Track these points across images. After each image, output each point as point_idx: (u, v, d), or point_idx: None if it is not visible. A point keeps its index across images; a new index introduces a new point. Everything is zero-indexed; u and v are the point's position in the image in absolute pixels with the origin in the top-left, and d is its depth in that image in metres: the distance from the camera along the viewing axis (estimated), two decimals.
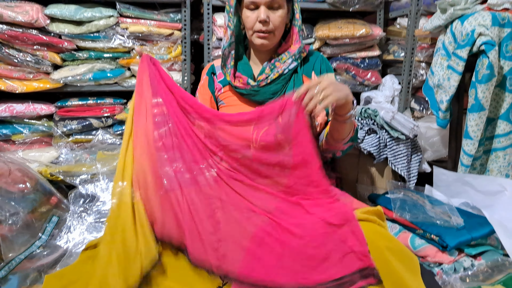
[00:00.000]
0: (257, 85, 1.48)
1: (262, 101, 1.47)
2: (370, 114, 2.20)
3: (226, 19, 1.50)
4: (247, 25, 1.46)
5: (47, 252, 1.67)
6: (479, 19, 1.79)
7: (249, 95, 1.50)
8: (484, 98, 1.78)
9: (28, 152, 2.30)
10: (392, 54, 2.76)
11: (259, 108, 1.31)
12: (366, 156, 2.21)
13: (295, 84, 1.50)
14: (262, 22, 1.42)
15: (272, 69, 1.50)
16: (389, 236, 1.19)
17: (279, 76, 1.48)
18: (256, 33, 1.46)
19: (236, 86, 1.51)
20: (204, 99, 1.64)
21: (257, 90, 1.48)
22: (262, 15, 1.41)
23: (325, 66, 1.60)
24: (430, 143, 2.33)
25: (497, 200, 1.74)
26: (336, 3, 2.55)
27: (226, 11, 1.49)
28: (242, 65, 1.54)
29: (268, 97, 1.48)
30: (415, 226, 1.57)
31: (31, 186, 1.82)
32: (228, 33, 1.48)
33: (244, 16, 1.47)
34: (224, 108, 1.60)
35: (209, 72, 1.66)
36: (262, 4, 1.41)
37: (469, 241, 1.48)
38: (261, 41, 1.46)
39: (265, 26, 1.43)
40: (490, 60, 1.72)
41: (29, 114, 2.29)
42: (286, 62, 1.49)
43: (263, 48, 1.51)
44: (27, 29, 2.17)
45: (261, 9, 1.41)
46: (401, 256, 1.15)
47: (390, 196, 1.74)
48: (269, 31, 1.45)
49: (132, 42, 2.33)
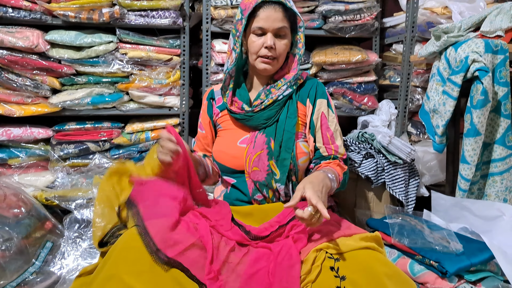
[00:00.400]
0: (252, 110, 1.51)
1: (256, 126, 1.51)
2: (367, 138, 2.21)
3: (231, 42, 1.53)
4: (252, 49, 1.50)
5: (40, 279, 1.65)
6: (473, 46, 1.81)
7: (243, 120, 1.52)
8: (480, 123, 1.79)
9: (24, 176, 2.29)
10: (388, 79, 2.79)
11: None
12: (364, 181, 2.21)
13: (289, 110, 1.52)
14: (269, 48, 1.46)
15: (267, 95, 1.53)
16: (387, 262, 1.18)
17: (273, 102, 1.51)
18: (260, 58, 1.50)
19: (232, 111, 1.54)
20: (204, 123, 1.67)
21: (251, 115, 1.51)
22: (269, 42, 1.46)
23: (320, 92, 1.61)
24: (428, 167, 2.33)
25: (496, 225, 1.73)
26: (333, 29, 2.58)
27: (232, 34, 1.53)
28: (239, 90, 1.57)
29: (261, 123, 1.50)
30: (414, 251, 1.56)
31: (25, 211, 1.80)
32: (233, 56, 1.52)
33: (249, 41, 1.51)
34: (221, 132, 1.62)
35: (209, 97, 1.69)
36: (270, 31, 1.47)
37: (468, 267, 1.47)
38: (265, 66, 1.50)
39: (270, 52, 1.47)
40: (484, 86, 1.74)
41: (26, 138, 2.29)
42: (281, 89, 1.52)
43: (265, 73, 1.54)
44: (27, 54, 2.19)
45: (268, 36, 1.47)
46: (400, 282, 1.13)
47: (388, 221, 1.73)
48: (273, 57, 1.49)
49: (131, 67, 2.35)
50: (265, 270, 1.20)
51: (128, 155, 2.46)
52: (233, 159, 1.52)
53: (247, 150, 1.49)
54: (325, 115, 1.58)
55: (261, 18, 1.46)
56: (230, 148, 1.54)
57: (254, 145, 1.49)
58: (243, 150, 1.50)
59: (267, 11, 1.46)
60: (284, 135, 1.48)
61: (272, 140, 1.47)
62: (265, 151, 1.47)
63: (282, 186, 1.46)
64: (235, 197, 1.54)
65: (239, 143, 1.53)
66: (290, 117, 1.51)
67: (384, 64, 2.90)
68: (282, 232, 1.34)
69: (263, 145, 1.47)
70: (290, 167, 1.46)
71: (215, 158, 1.59)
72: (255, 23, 1.47)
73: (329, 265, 1.15)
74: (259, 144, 1.48)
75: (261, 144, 1.48)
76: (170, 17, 2.36)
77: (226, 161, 1.54)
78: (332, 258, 1.16)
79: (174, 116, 2.54)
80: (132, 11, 2.34)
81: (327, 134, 1.57)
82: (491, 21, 1.94)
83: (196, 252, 1.21)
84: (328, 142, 1.56)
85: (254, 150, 1.48)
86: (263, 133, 1.50)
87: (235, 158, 1.51)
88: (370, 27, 2.65)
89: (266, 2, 1.46)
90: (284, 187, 1.46)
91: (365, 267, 1.12)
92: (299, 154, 1.51)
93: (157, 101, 2.45)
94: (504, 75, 1.83)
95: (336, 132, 1.59)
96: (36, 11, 2.23)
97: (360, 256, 1.15)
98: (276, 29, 1.47)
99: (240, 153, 1.50)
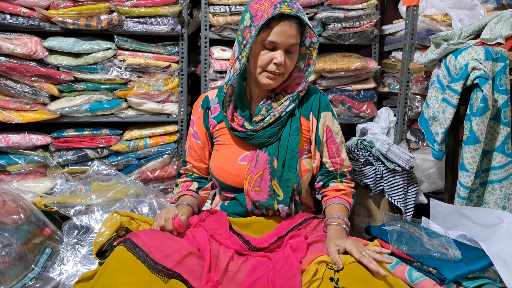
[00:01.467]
0: (253, 129, 1.44)
1: (258, 144, 1.45)
2: (366, 146, 2.21)
3: (236, 51, 1.43)
4: (259, 63, 1.39)
5: (40, 285, 1.65)
6: (473, 54, 1.81)
7: (244, 138, 1.46)
8: (479, 130, 1.79)
9: (23, 183, 2.29)
10: (387, 87, 2.80)
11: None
12: (363, 188, 2.20)
13: (292, 126, 1.46)
14: (278, 64, 1.37)
15: (268, 110, 1.46)
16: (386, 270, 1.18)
17: (275, 119, 1.44)
18: (266, 73, 1.40)
19: (233, 128, 1.47)
20: (201, 133, 1.59)
21: (253, 134, 1.44)
22: (280, 58, 1.36)
23: (324, 105, 1.54)
24: (427, 174, 2.33)
25: (495, 233, 1.72)
26: (332, 36, 2.59)
27: (237, 41, 1.42)
28: (240, 103, 1.49)
29: (263, 141, 1.44)
30: (412, 258, 1.56)
31: (25, 217, 1.80)
32: (237, 66, 1.41)
33: (255, 52, 1.40)
34: (219, 146, 1.56)
35: (204, 106, 1.60)
36: (281, 48, 1.37)
37: (467, 274, 1.46)
38: (269, 81, 1.41)
39: (278, 70, 1.39)
40: (484, 94, 1.74)
41: (25, 145, 2.29)
42: (283, 104, 1.45)
43: (268, 87, 1.46)
44: (26, 60, 2.20)
45: (278, 52, 1.37)
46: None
47: (387, 228, 1.72)
48: (280, 73, 1.41)
49: (129, 73, 2.35)
50: (264, 278, 1.19)
51: (126, 162, 2.45)
52: (234, 178, 1.47)
53: (248, 168, 1.44)
54: (330, 128, 1.52)
55: (275, 32, 1.34)
56: (231, 166, 1.48)
57: (256, 163, 1.43)
58: (244, 168, 1.45)
59: (283, 26, 1.34)
60: (287, 154, 1.42)
61: (275, 159, 1.42)
62: (267, 170, 1.41)
63: (285, 208, 1.42)
64: (233, 210, 1.50)
65: (240, 161, 1.47)
66: (293, 135, 1.44)
67: (383, 72, 2.90)
68: (280, 243, 1.33)
69: (266, 164, 1.42)
70: (294, 187, 1.42)
71: (214, 174, 1.53)
72: (266, 36, 1.35)
73: (329, 275, 1.14)
74: (261, 163, 1.42)
75: (263, 163, 1.42)
76: (169, 24, 2.36)
77: (226, 179, 1.48)
78: (332, 269, 1.14)
79: (172, 123, 2.54)
80: (131, 18, 2.35)
81: (332, 148, 1.52)
82: (491, 28, 1.94)
83: (194, 261, 1.21)
84: (334, 156, 1.53)
85: (256, 169, 1.42)
86: (265, 151, 1.44)
87: (236, 176, 1.46)
88: (370, 34, 2.65)
89: (284, 16, 1.34)
90: (287, 208, 1.43)
91: (365, 278, 1.11)
92: (303, 172, 1.47)
93: (155, 108, 2.45)
94: (504, 83, 1.83)
95: (341, 144, 1.56)
96: (34, 17, 2.23)
97: (360, 266, 1.14)
98: (289, 45, 1.37)
99: (241, 171, 1.45)
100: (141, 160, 2.49)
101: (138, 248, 1.16)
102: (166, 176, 2.53)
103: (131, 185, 2.19)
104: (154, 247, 1.17)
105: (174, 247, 1.21)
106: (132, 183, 2.23)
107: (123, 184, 2.19)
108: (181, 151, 2.56)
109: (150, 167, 2.47)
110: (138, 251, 1.15)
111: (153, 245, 1.18)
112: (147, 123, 2.53)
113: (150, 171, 2.47)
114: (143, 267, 1.12)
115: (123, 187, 2.15)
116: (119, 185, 2.16)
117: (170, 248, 1.19)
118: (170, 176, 2.54)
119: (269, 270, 1.21)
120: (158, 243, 1.19)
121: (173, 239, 1.26)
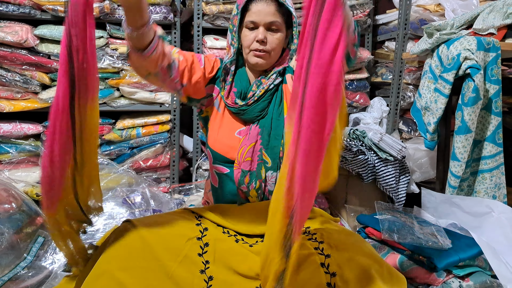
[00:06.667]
0: (245, 104, 1.50)
1: (250, 119, 1.50)
2: (359, 136, 2.22)
3: (229, 38, 1.54)
4: (245, 43, 1.49)
5: (32, 273, 1.65)
6: (465, 44, 1.82)
7: (237, 113, 1.52)
8: (471, 120, 1.80)
9: (14, 172, 2.28)
10: (380, 77, 2.80)
11: None
12: (355, 177, 2.21)
13: (276, 99, 1.52)
14: (260, 41, 1.45)
15: (258, 86, 1.52)
16: (377, 257, 1.19)
17: (265, 92, 1.51)
18: (252, 52, 1.48)
19: (227, 104, 1.53)
20: (207, 68, 1.53)
21: (245, 109, 1.50)
22: (260, 35, 1.44)
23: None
24: (418, 164, 2.34)
25: (485, 222, 1.74)
26: None
27: (229, 29, 1.53)
28: (239, 86, 1.53)
29: (255, 115, 1.50)
30: (404, 247, 1.57)
31: (16, 206, 1.80)
32: (231, 51, 1.53)
33: (242, 35, 1.50)
34: (219, 117, 1.57)
35: (222, 65, 1.55)
36: (261, 25, 1.46)
37: (457, 262, 1.48)
38: (256, 59, 1.48)
39: (261, 46, 1.46)
40: (475, 84, 1.75)
41: (16, 134, 2.27)
42: (271, 78, 1.52)
43: (257, 67, 1.53)
44: (16, 49, 2.17)
45: (259, 30, 1.45)
46: (389, 277, 1.15)
47: (378, 217, 1.74)
48: (265, 51, 1.47)
49: (122, 62, 2.33)
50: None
51: (119, 151, 2.45)
52: (229, 149, 1.51)
53: (241, 141, 1.49)
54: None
55: (253, 12, 1.46)
56: (228, 138, 1.53)
57: (248, 136, 1.49)
58: (238, 141, 1.50)
59: (259, 5, 1.46)
60: (272, 123, 1.49)
61: (265, 131, 1.49)
62: (258, 141, 1.47)
63: (274, 173, 1.46)
64: (228, 190, 1.52)
65: (237, 134, 1.53)
66: (277, 104, 1.52)
67: (376, 62, 2.90)
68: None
69: (257, 136, 1.48)
70: (280, 155, 1.46)
71: (210, 145, 1.57)
72: (247, 17, 1.47)
73: (320, 261, 1.15)
74: (253, 135, 1.48)
75: (254, 135, 1.48)
76: (161, 13, 2.35)
77: (221, 150, 1.52)
78: (316, 242, 1.20)
79: (165, 112, 2.53)
80: None
81: None
82: (484, 18, 1.95)
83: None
84: None
85: (248, 142, 1.48)
86: (257, 124, 1.50)
87: (231, 148, 1.50)
88: (363, 24, 2.65)
89: None
90: (275, 175, 1.46)
91: (357, 264, 1.13)
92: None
93: (148, 97, 2.44)
94: (496, 73, 1.84)
95: None
96: (25, 5, 2.21)
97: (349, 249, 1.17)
98: (268, 23, 1.45)
99: (236, 144, 1.50)
100: (133, 150, 2.48)
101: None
102: (159, 166, 2.52)
103: (123, 174, 2.19)
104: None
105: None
106: (125, 172, 2.23)
107: (116, 173, 2.19)
108: (173, 141, 2.56)
109: (143, 156, 2.47)
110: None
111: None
112: (139, 113, 2.51)
113: (142, 160, 2.47)
114: (138, 251, 1.16)
115: (115, 176, 2.15)
116: (112, 174, 2.16)
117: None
118: (163, 165, 2.53)
119: None
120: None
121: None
